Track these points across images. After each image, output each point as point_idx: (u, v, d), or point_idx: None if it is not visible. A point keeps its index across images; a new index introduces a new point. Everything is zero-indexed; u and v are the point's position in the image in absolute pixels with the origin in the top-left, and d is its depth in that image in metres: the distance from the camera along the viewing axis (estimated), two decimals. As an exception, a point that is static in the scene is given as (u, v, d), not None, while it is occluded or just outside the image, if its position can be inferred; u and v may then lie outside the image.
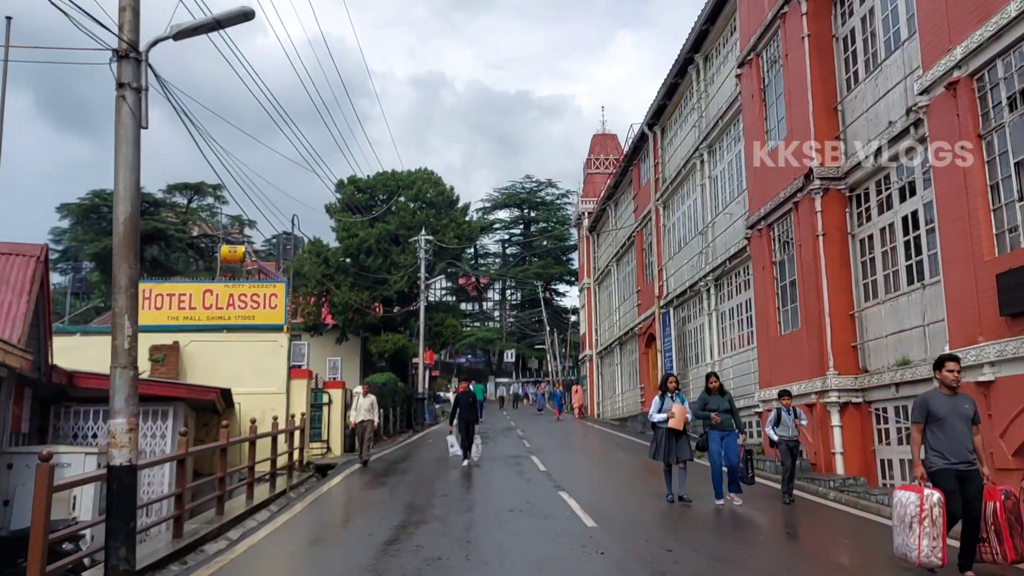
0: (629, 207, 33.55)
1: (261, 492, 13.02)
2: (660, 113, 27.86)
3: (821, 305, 14.29)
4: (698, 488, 11.46)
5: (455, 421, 16.35)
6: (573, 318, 72.14)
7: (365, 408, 16.56)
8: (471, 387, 17.57)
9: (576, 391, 43.34)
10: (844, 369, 13.98)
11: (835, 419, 13.95)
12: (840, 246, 14.41)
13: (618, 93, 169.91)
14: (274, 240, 52.19)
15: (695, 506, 10.79)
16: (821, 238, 14.40)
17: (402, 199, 35.26)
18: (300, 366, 17.89)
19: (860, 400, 13.84)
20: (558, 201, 74.05)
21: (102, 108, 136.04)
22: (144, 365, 16.65)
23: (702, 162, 23.33)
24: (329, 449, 19.99)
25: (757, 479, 11.65)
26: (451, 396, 64.70)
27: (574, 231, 58.98)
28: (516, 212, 75.99)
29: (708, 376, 11.85)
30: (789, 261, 16.00)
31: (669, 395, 11.69)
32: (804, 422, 12.05)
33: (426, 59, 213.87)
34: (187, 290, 17.99)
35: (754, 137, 17.68)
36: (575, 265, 74.02)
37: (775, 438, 11.57)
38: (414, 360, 36.86)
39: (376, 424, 16.85)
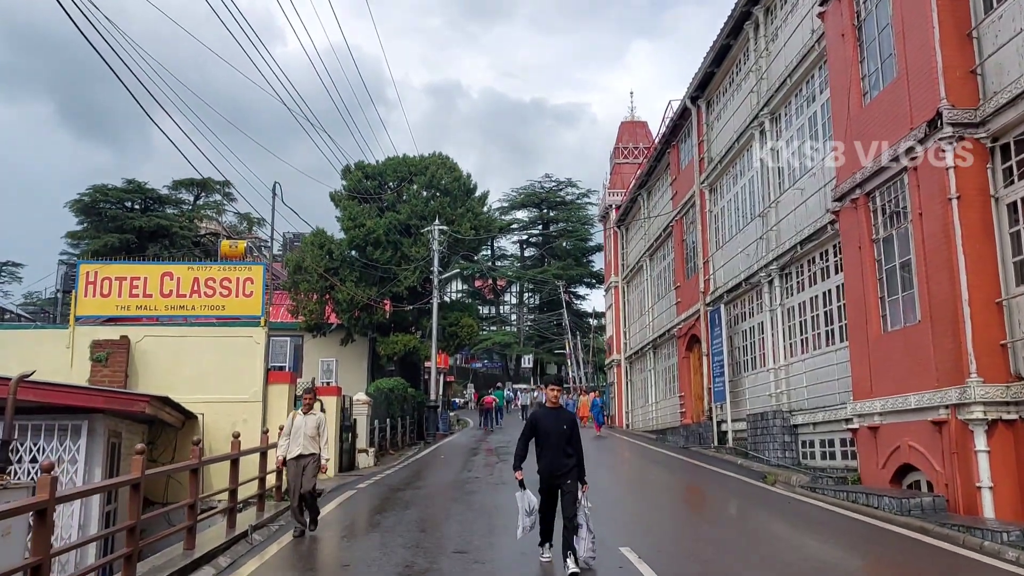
0: (666, 194, 30.09)
1: (212, 536, 9.72)
2: (706, 84, 24.43)
3: (955, 290, 10.79)
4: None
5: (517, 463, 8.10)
6: (594, 322, 68.84)
7: (307, 434, 10.02)
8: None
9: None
10: (990, 376, 10.48)
11: (980, 442, 10.44)
12: (982, 212, 10.92)
13: (634, 102, 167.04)
14: (289, 238, 48.99)
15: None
16: (955, 202, 10.91)
17: (414, 186, 31.95)
18: (282, 368, 14.50)
19: (1015, 417, 10.34)
20: (578, 201, 70.71)
21: (120, 117, 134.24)
22: (83, 365, 13.45)
23: (762, 132, 19.87)
24: (321, 468, 16.68)
25: None
26: (469, 401, 61.46)
27: (598, 228, 55.59)
28: (535, 212, 72.63)
29: None
30: (900, 236, 12.53)
31: None
32: None
33: (441, 68, 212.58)
34: (141, 273, 14.54)
35: (845, 86, 14.23)
36: (596, 267, 70.70)
37: None
38: (426, 363, 33.51)
39: (323, 463, 10.21)
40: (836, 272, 15.85)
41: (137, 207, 56.27)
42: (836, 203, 14.56)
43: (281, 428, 10.37)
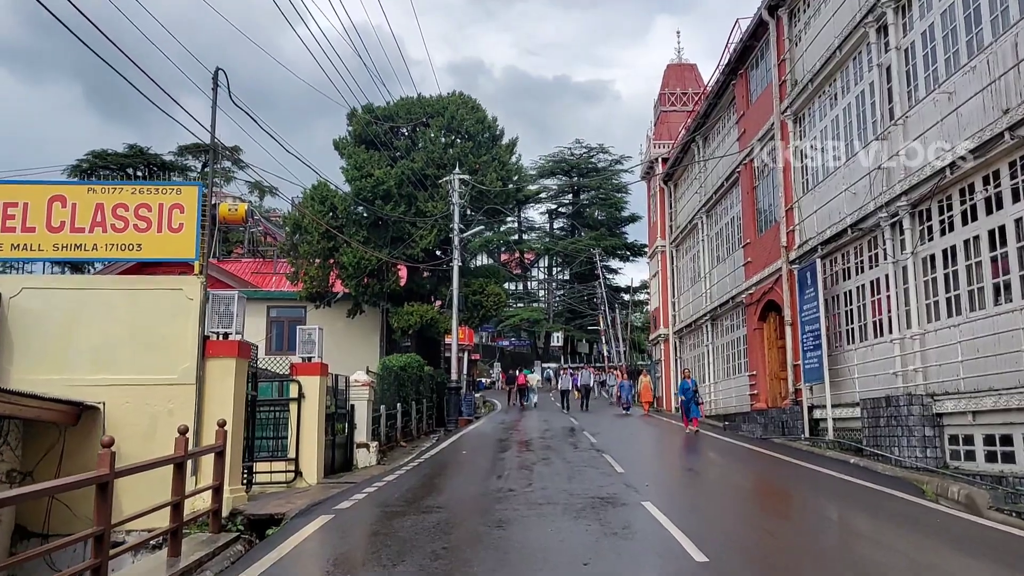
0: (730, 135, 25.28)
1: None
2: (790, -13, 19.59)
3: None
4: None
5: None
6: (627, 297, 64.23)
7: None
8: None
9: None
10: None
11: None
12: None
13: (657, 79, 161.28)
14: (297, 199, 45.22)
15: None
16: None
17: (431, 131, 27.36)
18: (228, 335, 10.08)
19: None
20: (611, 168, 65.73)
21: (145, 100, 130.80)
22: (-72, 330, 9.22)
23: (880, 29, 15.11)
24: (299, 474, 12.36)
25: None
26: (496, 382, 57.30)
27: (632, 195, 50.92)
28: (564, 180, 67.73)
29: None
30: None
31: None
32: None
33: (462, 46, 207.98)
34: (19, 196, 9.88)
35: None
36: (631, 238, 65.82)
37: None
38: (446, 338, 29.13)
39: None
40: (1017, 199, 11.16)
41: (140, 174, 53.00)
42: (1040, 90, 9.84)
43: (223, 424, 4.81)
